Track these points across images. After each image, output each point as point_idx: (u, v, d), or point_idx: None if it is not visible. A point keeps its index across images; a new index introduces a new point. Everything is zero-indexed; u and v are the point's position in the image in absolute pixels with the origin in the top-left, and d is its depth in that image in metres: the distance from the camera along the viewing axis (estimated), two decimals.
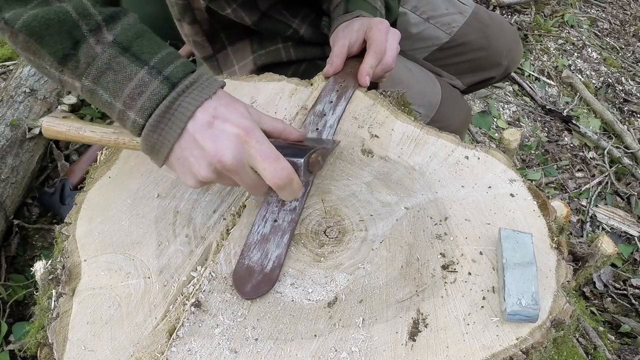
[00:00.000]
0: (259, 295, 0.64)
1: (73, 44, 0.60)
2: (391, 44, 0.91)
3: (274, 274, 0.65)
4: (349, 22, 0.95)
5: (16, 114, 1.40)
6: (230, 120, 0.61)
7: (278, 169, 0.61)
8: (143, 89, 0.60)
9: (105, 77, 0.61)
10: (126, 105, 0.61)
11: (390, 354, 0.59)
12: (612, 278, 1.72)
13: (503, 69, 1.32)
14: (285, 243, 0.68)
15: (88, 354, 0.60)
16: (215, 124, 0.61)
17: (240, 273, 0.65)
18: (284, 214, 0.71)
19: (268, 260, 0.66)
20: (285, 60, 1.08)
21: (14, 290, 1.32)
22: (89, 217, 0.72)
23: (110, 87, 0.61)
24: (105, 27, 0.61)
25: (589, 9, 2.88)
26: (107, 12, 0.62)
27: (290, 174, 0.62)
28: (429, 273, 0.66)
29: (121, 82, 0.61)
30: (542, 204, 0.74)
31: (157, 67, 0.61)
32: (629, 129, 2.27)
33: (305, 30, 1.04)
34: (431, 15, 1.24)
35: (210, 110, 0.61)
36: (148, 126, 0.61)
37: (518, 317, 0.61)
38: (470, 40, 1.25)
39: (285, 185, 0.62)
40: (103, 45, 0.61)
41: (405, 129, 0.84)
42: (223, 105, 0.62)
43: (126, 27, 0.62)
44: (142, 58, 0.61)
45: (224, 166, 0.61)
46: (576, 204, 1.97)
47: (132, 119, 0.62)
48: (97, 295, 0.64)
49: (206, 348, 0.59)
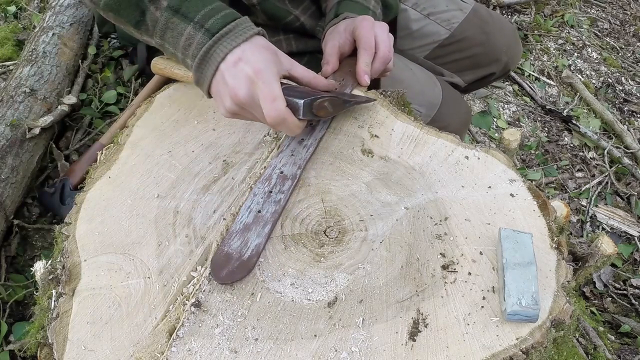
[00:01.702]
0: (234, 281, 0.64)
1: (141, 13, 0.77)
2: (381, 37, 0.91)
3: (251, 262, 0.66)
4: (335, 26, 0.96)
5: (16, 114, 1.40)
6: (250, 63, 0.71)
7: (271, 109, 0.69)
8: (191, 40, 0.74)
9: (167, 34, 0.76)
10: (184, 54, 0.76)
11: (390, 354, 0.59)
12: (612, 278, 1.72)
13: (502, 65, 1.33)
14: (266, 233, 0.69)
15: (88, 354, 0.60)
16: (239, 65, 0.71)
17: (219, 259, 0.66)
18: (268, 205, 0.72)
19: (247, 249, 0.67)
20: (286, 52, 1.08)
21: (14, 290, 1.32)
22: (89, 217, 0.72)
23: (171, 42, 0.76)
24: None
25: (589, 9, 2.87)
26: None
27: (281, 114, 0.70)
28: (429, 273, 0.66)
29: (177, 37, 0.75)
30: (542, 204, 0.74)
31: (200, 22, 0.74)
32: (629, 129, 2.27)
33: (306, 19, 1.05)
34: (431, 12, 1.25)
35: (238, 52, 0.72)
36: (194, 66, 0.74)
37: (518, 317, 0.61)
38: (470, 36, 1.26)
39: (278, 123, 0.71)
40: (161, 10, 0.76)
41: (405, 129, 0.84)
42: (251, 49, 0.73)
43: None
44: (189, 16, 0.75)
45: (239, 101, 0.71)
46: (576, 204, 1.97)
47: (188, 64, 0.76)
48: (97, 295, 0.64)
49: (206, 348, 0.59)
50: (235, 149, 0.82)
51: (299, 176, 0.76)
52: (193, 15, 0.75)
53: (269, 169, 0.77)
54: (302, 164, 0.77)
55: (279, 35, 1.08)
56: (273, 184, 0.74)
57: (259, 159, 0.80)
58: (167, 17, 0.76)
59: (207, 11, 0.75)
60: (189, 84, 0.93)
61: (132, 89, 1.74)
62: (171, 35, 0.76)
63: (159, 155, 0.81)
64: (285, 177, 0.75)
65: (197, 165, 0.79)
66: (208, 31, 0.74)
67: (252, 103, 0.72)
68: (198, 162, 0.80)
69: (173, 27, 0.76)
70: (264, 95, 0.70)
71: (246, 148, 0.82)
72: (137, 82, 1.75)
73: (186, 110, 0.88)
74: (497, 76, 1.39)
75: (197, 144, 0.82)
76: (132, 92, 1.73)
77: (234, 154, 0.81)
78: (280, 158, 0.78)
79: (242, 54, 0.72)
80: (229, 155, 0.81)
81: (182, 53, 0.77)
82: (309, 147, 0.80)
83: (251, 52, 0.73)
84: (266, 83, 0.70)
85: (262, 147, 0.82)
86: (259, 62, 0.72)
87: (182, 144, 0.82)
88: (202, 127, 0.85)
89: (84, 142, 1.59)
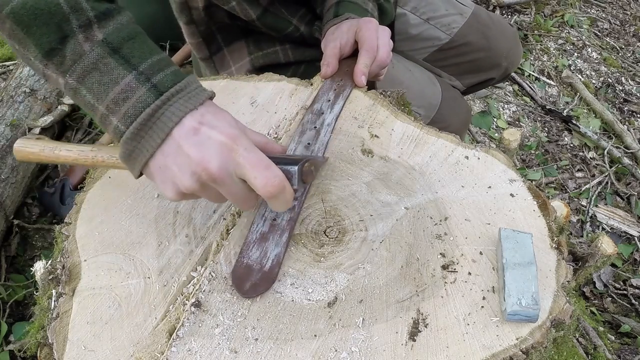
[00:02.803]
0: (258, 294, 0.64)
1: (61, 38, 0.58)
2: (383, 40, 0.91)
3: (273, 273, 0.65)
4: (338, 25, 0.95)
5: (16, 114, 1.40)
6: (217, 128, 0.58)
7: (270, 177, 0.57)
8: (129, 94, 0.58)
9: (91, 77, 0.58)
10: (109, 110, 0.59)
11: (390, 354, 0.59)
12: (612, 278, 1.72)
13: (502, 70, 1.33)
14: (284, 242, 0.68)
15: (88, 354, 0.60)
16: (202, 131, 0.58)
17: (240, 272, 0.65)
18: (283, 212, 0.71)
19: (267, 259, 0.66)
20: (283, 61, 1.09)
21: (14, 290, 1.32)
22: (89, 217, 0.72)
23: (94, 89, 0.58)
24: (96, 24, 0.59)
25: (589, 9, 2.88)
26: (100, 9, 0.59)
27: (282, 182, 0.58)
28: (429, 273, 0.66)
29: (106, 85, 0.58)
30: (542, 204, 0.74)
31: (146, 73, 0.59)
32: (629, 129, 2.27)
33: (304, 28, 1.05)
34: (431, 16, 1.25)
35: (197, 117, 0.58)
36: (128, 133, 0.58)
37: (518, 317, 0.61)
38: (470, 41, 1.25)
39: (278, 193, 0.58)
40: (92, 43, 0.58)
41: (405, 129, 0.84)
42: (210, 113, 0.60)
43: (119, 26, 0.60)
44: (132, 62, 0.59)
45: (210, 175, 0.57)
46: (576, 204, 1.97)
47: (114, 124, 0.59)
48: (97, 295, 0.64)
49: (206, 348, 0.59)
50: None
51: (308, 187, 0.75)
52: (137, 62, 0.59)
53: None
54: None
55: (276, 46, 1.08)
56: None
57: None
58: (100, 55, 0.58)
59: (155, 62, 0.60)
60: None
61: None
62: (97, 81, 0.58)
63: None
64: None
65: None
66: (155, 88, 0.58)
67: (225, 177, 0.58)
68: None
69: (105, 70, 0.58)
70: (255, 163, 0.57)
71: None
72: None
73: None
74: (497, 81, 1.40)
75: None
76: None
77: None
78: None
79: (202, 118, 0.59)
80: None
81: (107, 108, 0.59)
82: (317, 153, 0.79)
83: (212, 115, 0.60)
84: (249, 149, 0.58)
85: None
86: (229, 126, 0.59)
87: None
88: None
89: (84, 142, 1.59)
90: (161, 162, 0.59)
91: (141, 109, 0.58)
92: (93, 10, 0.59)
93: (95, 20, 0.59)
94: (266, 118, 0.86)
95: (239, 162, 0.57)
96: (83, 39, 0.58)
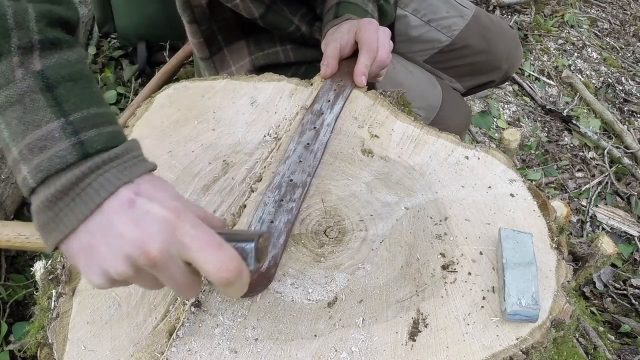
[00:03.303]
0: (255, 294, 0.64)
1: None
2: (383, 41, 0.91)
3: (270, 273, 0.65)
4: (338, 26, 0.96)
5: None
6: (156, 200, 0.49)
7: (224, 260, 0.47)
8: (48, 144, 0.48)
9: (12, 110, 0.48)
10: (22, 156, 0.48)
11: (390, 354, 0.59)
12: (612, 278, 1.72)
13: (503, 73, 1.33)
14: (281, 244, 0.68)
15: (88, 354, 0.60)
16: (138, 203, 0.48)
17: None
18: (280, 214, 0.71)
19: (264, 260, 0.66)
20: (284, 62, 1.09)
21: (14, 290, 1.32)
22: None
23: (12, 125, 0.49)
24: (38, 51, 0.50)
25: (589, 9, 2.87)
26: (49, 35, 0.51)
27: (239, 264, 0.48)
28: (429, 273, 0.66)
29: (26, 125, 0.48)
30: (542, 204, 0.74)
31: (76, 126, 0.49)
32: (629, 129, 2.27)
33: (305, 28, 1.05)
34: (432, 18, 1.24)
35: (133, 187, 0.49)
36: (45, 200, 0.48)
37: (518, 317, 0.61)
38: (471, 44, 1.25)
39: (235, 279, 0.48)
40: (26, 71, 0.49)
41: (405, 129, 0.84)
42: (147, 181, 0.50)
43: (63, 62, 0.51)
44: (63, 107, 0.49)
45: (149, 259, 0.47)
46: (576, 204, 1.97)
47: (23, 174, 0.49)
48: (97, 295, 0.64)
49: (206, 348, 0.59)
50: (235, 149, 0.82)
51: (309, 183, 0.75)
52: (70, 109, 0.49)
53: (278, 177, 0.76)
54: (311, 172, 0.76)
55: (277, 47, 1.08)
56: (283, 193, 0.73)
57: (259, 159, 0.80)
58: (30, 88, 0.49)
59: (92, 115, 0.50)
60: None
61: (132, 89, 1.74)
62: (19, 118, 0.48)
63: (159, 155, 0.81)
64: (295, 185, 0.74)
65: (197, 166, 0.79)
66: (81, 145, 0.48)
67: (167, 260, 0.48)
68: (198, 162, 0.80)
69: (30, 107, 0.48)
70: (203, 243, 0.47)
71: (246, 148, 0.82)
72: (137, 82, 1.75)
73: (186, 110, 0.88)
74: (497, 83, 1.39)
75: (197, 144, 0.82)
76: (132, 92, 1.73)
77: (234, 154, 0.81)
78: (288, 165, 0.77)
79: (137, 188, 0.49)
80: (229, 155, 0.81)
81: (20, 153, 0.48)
82: (316, 153, 0.79)
83: (150, 184, 0.50)
84: (195, 226, 0.48)
85: (262, 147, 0.82)
86: (170, 199, 0.49)
87: (182, 144, 0.82)
88: (202, 127, 0.85)
89: None
90: (86, 241, 0.48)
91: (57, 166, 0.48)
92: (40, 34, 0.51)
93: (39, 47, 0.50)
94: (266, 118, 0.86)
95: (184, 243, 0.47)
96: (17, 62, 0.49)
